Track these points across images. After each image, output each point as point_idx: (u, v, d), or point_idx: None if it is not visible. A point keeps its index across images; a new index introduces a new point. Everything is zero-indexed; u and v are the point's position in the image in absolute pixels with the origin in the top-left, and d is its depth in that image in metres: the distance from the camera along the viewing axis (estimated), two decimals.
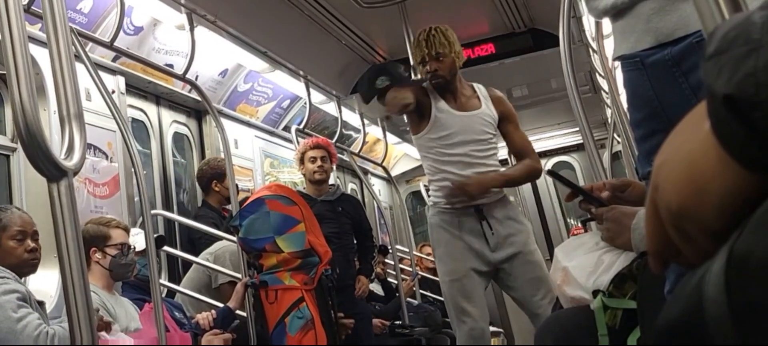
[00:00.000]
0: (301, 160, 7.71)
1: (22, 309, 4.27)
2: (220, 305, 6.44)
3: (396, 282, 9.92)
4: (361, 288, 7.77)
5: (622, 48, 2.15)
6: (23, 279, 4.88)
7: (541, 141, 15.07)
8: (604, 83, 7.99)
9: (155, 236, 6.18)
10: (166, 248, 7.13)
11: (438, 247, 5.73)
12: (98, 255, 5.49)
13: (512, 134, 5.83)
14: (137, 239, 5.90)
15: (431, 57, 5.62)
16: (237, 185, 7.70)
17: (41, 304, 4.73)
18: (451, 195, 5.39)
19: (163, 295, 6.49)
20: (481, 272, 5.56)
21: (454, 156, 5.63)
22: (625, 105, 4.95)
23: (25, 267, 4.83)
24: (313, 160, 7.61)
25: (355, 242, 7.90)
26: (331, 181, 8.11)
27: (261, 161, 10.53)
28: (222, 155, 7.64)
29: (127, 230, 5.78)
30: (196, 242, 7.68)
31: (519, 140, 5.86)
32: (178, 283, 7.39)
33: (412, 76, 7.48)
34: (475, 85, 5.89)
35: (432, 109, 5.69)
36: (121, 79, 7.61)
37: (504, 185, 5.64)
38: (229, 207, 7.45)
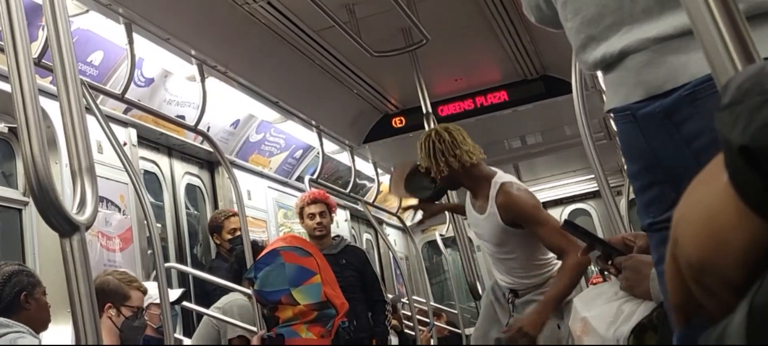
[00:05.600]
0: (301, 215, 7.67)
1: None
2: None
3: (413, 333, 9.87)
4: None
5: (614, 101, 2.16)
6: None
7: (556, 189, 15.08)
8: None
9: (182, 290, 6.19)
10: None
11: (482, 308, 6.02)
12: (112, 312, 5.46)
13: (539, 236, 5.38)
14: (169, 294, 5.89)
15: (436, 173, 5.49)
16: (233, 238, 7.72)
17: None
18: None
19: None
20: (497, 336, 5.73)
21: (483, 244, 5.83)
22: None
23: (47, 322, 4.85)
24: (312, 216, 7.54)
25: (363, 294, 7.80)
26: (344, 232, 8.04)
27: (275, 212, 10.53)
28: (235, 207, 7.64)
29: (144, 293, 5.76)
30: (211, 295, 7.64)
31: (548, 240, 5.36)
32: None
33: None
34: (493, 180, 5.55)
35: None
36: (133, 131, 7.64)
37: (558, 304, 5.20)
38: None
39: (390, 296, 9.92)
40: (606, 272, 3.14)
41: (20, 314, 4.54)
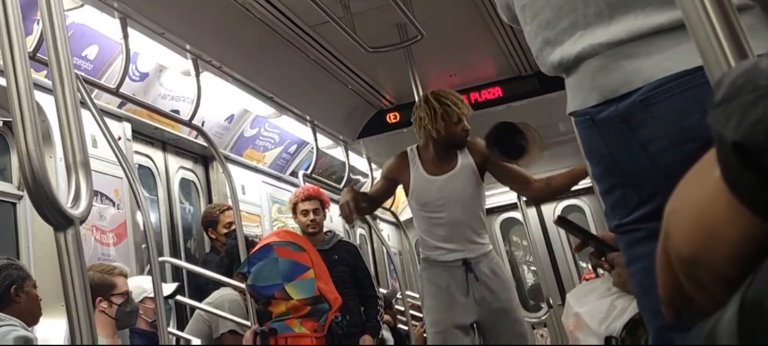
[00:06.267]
0: (294, 211, 7.64)
1: None
2: None
3: (406, 329, 9.86)
4: None
5: (574, 104, 2.18)
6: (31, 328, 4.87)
7: None
8: None
9: (176, 284, 6.20)
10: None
11: (426, 299, 6.01)
12: (104, 304, 5.48)
13: (507, 169, 5.94)
14: (164, 288, 5.89)
15: (466, 118, 5.85)
16: (229, 232, 7.69)
17: None
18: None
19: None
20: (466, 325, 5.79)
21: (438, 219, 5.87)
22: None
23: (38, 315, 4.86)
24: (305, 213, 7.48)
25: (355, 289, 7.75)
26: (337, 227, 8.00)
27: (269, 207, 10.52)
28: (229, 201, 7.63)
29: (126, 276, 5.79)
30: (205, 289, 7.64)
31: (514, 171, 5.99)
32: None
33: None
34: None
35: (411, 177, 5.93)
36: (128, 126, 7.64)
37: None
38: None
39: (385, 291, 9.91)
40: (599, 268, 3.14)
41: (11, 308, 4.55)
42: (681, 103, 1.82)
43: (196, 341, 6.84)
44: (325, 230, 7.71)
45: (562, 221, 3.13)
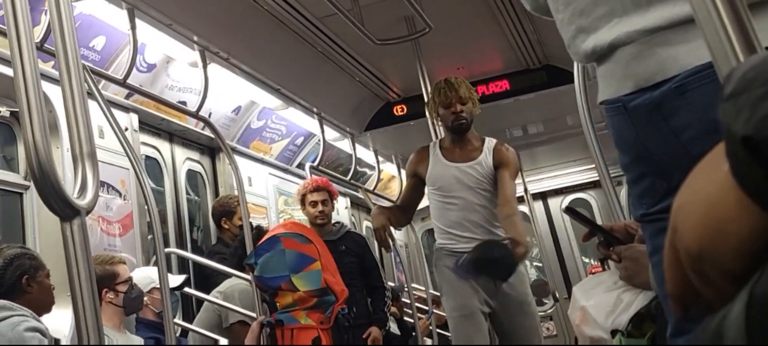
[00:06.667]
0: (302, 202, 7.65)
1: None
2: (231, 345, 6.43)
3: (412, 321, 9.85)
4: (374, 339, 7.48)
5: (606, 93, 2.17)
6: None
7: (557, 178, 15.02)
8: None
9: (184, 277, 6.21)
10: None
11: (445, 284, 5.97)
12: (111, 295, 5.50)
13: (507, 182, 5.84)
14: (171, 280, 5.90)
15: (457, 100, 5.88)
16: (251, 223, 7.68)
17: (57, 342, 4.73)
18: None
19: (177, 334, 6.47)
20: (483, 312, 5.75)
21: (452, 202, 5.94)
22: None
23: (50, 305, 4.85)
24: (314, 204, 7.50)
25: (363, 280, 7.74)
26: (344, 220, 7.99)
27: (275, 199, 10.51)
28: (235, 193, 7.62)
29: (126, 264, 5.82)
30: (210, 280, 7.64)
31: (510, 187, 5.87)
32: (192, 322, 7.34)
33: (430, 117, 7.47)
34: (487, 139, 6.06)
35: (429, 164, 6.03)
36: (135, 117, 7.64)
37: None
38: None
39: (392, 284, 9.90)
40: (606, 261, 3.14)
41: (22, 298, 4.53)
42: (713, 92, 1.82)
43: (223, 341, 6.85)
44: (333, 221, 7.72)
45: (570, 211, 3.13)
